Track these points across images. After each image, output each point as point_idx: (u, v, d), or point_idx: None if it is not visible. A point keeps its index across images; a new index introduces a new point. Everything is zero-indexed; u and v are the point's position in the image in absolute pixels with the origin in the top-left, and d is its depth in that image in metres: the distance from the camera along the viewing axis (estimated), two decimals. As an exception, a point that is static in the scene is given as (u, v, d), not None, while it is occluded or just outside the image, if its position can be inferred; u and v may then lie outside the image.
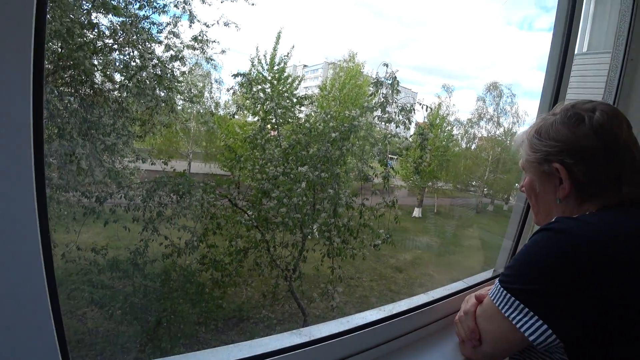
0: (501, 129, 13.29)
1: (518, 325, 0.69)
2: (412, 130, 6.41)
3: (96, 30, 4.01)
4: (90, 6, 3.95)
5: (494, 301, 0.76)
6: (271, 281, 4.35)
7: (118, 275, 3.97)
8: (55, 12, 3.57)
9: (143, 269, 3.96)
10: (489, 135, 13.34)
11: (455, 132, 12.95)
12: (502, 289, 0.75)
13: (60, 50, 3.83)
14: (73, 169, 3.98)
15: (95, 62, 4.15)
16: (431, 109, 5.34)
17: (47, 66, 3.87)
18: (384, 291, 7.32)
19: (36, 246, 0.50)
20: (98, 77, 4.25)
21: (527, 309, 0.69)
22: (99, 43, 4.08)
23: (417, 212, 12.11)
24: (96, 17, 4.00)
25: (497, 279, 0.79)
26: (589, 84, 1.84)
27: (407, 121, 4.60)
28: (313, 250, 4.27)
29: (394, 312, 1.03)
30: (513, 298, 0.71)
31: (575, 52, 1.40)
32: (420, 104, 5.06)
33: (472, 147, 13.56)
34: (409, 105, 4.67)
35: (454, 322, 0.98)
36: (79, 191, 4.06)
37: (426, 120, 10.39)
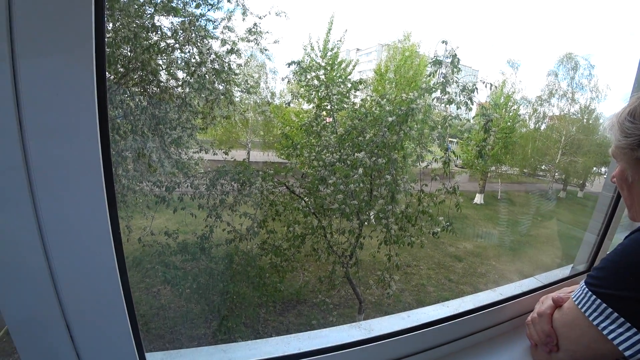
0: (576, 106, 11.81)
1: (610, 337, 0.61)
2: (473, 112, 5.97)
3: (159, 32, 4.27)
4: (152, 10, 4.20)
5: (579, 305, 0.68)
6: (328, 267, 4.40)
7: (187, 258, 4.29)
8: (124, 19, 3.88)
9: (209, 253, 4.24)
10: (562, 113, 11.91)
11: (522, 111, 11.76)
12: (589, 292, 0.66)
13: (129, 54, 4.16)
14: (145, 161, 4.37)
15: (160, 62, 4.44)
16: (495, 87, 4.89)
17: (119, 69, 4.26)
18: (441, 280, 7.06)
19: (108, 238, 0.53)
20: (163, 75, 4.55)
21: (622, 319, 0.60)
22: (162, 44, 4.36)
23: (478, 199, 11.37)
24: (158, 20, 4.27)
25: (583, 280, 0.70)
26: None
27: (469, 102, 4.27)
28: (370, 237, 4.21)
29: (460, 310, 0.95)
30: (604, 304, 0.62)
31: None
32: (484, 82, 4.66)
33: (542, 128, 12.20)
34: (471, 84, 4.32)
35: (526, 323, 0.90)
36: (151, 181, 4.46)
37: (489, 99, 9.57)
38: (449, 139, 4.37)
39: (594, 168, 12.35)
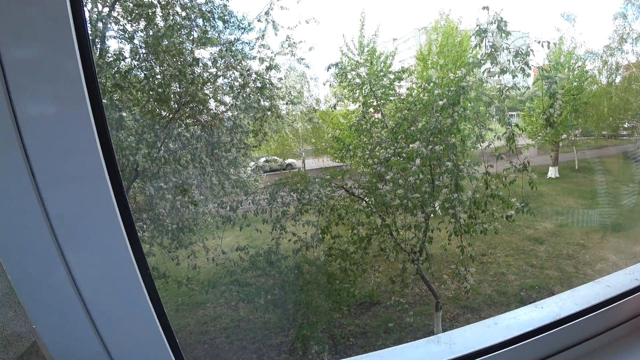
0: (657, 47, 10.04)
1: None
2: (531, 78, 5.42)
3: (200, 64, 4.56)
4: (192, 45, 4.50)
5: None
6: (398, 265, 4.26)
7: (258, 273, 4.44)
8: (171, 60, 4.22)
9: (278, 266, 4.36)
10: (639, 59, 10.21)
11: (588, 66, 10.29)
12: None
13: (179, 89, 4.51)
14: (208, 185, 4.67)
15: (207, 91, 4.73)
16: (554, 44, 4.38)
17: (173, 106, 4.63)
18: (523, 267, 6.47)
19: (136, 277, 0.56)
20: (212, 103, 4.84)
21: None
22: (206, 74, 4.65)
23: (552, 172, 10.26)
24: (199, 53, 4.56)
25: None
26: None
27: (525, 67, 3.88)
28: (438, 230, 4.00)
29: (561, 315, 0.77)
30: None
31: None
32: (539, 42, 4.19)
33: (617, 81, 10.57)
34: (524, 47, 3.93)
35: None
36: (216, 203, 4.74)
37: (547, 62, 8.62)
38: (509, 113, 4.00)
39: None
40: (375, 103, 4.08)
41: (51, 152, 0.49)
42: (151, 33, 4.16)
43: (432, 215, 3.81)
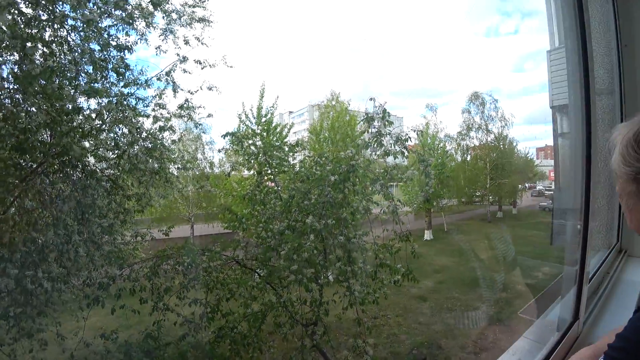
0: (491, 135, 13.66)
1: None
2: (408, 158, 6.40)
3: (81, 114, 4.00)
4: (74, 92, 3.96)
5: None
6: (295, 339, 4.04)
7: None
8: (41, 104, 3.58)
9: (159, 355, 3.66)
10: (481, 143, 13.60)
11: (447, 147, 13.22)
12: None
13: (48, 139, 3.79)
14: (72, 257, 3.82)
15: (87, 144, 4.11)
16: (422, 132, 5.36)
17: (37, 155, 3.83)
18: (412, 325, 6.94)
19: None
20: (91, 158, 4.19)
21: None
22: (87, 126, 4.07)
23: (428, 235, 11.96)
24: (81, 102, 4.01)
25: (604, 352, 0.62)
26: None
27: (404, 150, 4.56)
28: (334, 302, 4.01)
29: None
30: None
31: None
32: (414, 130, 5.06)
33: (468, 159, 13.75)
34: (404, 134, 4.65)
35: None
36: (80, 279, 3.88)
37: (417, 141, 10.56)
38: (390, 183, 4.57)
39: (519, 186, 14.18)
40: (270, 172, 4.15)
41: None
42: (25, 68, 3.50)
43: (326, 285, 3.83)
